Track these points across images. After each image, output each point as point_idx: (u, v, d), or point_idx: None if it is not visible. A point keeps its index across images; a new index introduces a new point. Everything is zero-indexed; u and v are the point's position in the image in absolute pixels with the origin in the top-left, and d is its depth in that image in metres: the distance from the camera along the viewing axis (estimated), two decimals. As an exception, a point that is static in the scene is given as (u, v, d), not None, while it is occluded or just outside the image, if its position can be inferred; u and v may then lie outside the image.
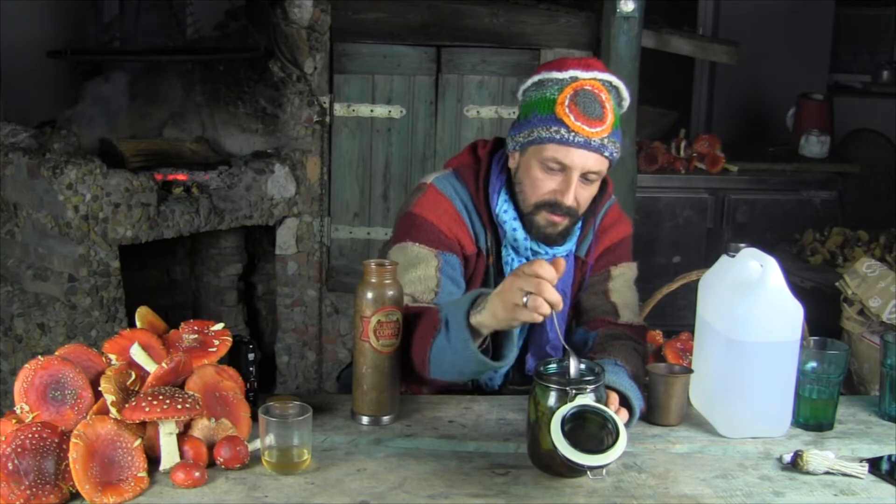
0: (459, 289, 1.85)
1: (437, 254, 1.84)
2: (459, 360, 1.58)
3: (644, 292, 2.18)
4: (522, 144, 1.84)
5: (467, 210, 1.92)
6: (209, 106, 3.96)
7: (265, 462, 1.50)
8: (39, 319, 3.30)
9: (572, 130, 1.77)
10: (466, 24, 3.73)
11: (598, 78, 1.80)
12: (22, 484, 1.35)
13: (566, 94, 1.78)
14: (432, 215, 1.87)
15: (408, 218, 1.89)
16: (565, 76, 1.80)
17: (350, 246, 3.85)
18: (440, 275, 1.82)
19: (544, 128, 1.79)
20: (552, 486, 1.47)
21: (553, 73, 1.81)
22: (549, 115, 1.79)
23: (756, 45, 5.40)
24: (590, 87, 1.78)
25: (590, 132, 1.77)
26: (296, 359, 3.92)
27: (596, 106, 1.77)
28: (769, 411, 1.68)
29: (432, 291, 1.79)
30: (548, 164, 1.80)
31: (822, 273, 3.51)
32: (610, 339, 1.86)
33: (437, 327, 1.59)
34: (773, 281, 1.63)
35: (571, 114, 1.77)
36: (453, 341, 1.56)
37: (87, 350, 1.55)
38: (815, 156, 4.55)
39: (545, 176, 1.82)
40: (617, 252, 2.01)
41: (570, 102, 1.77)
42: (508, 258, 1.92)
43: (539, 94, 1.82)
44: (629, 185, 3.72)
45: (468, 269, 1.91)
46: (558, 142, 1.78)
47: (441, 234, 1.86)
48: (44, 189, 3.22)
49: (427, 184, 1.94)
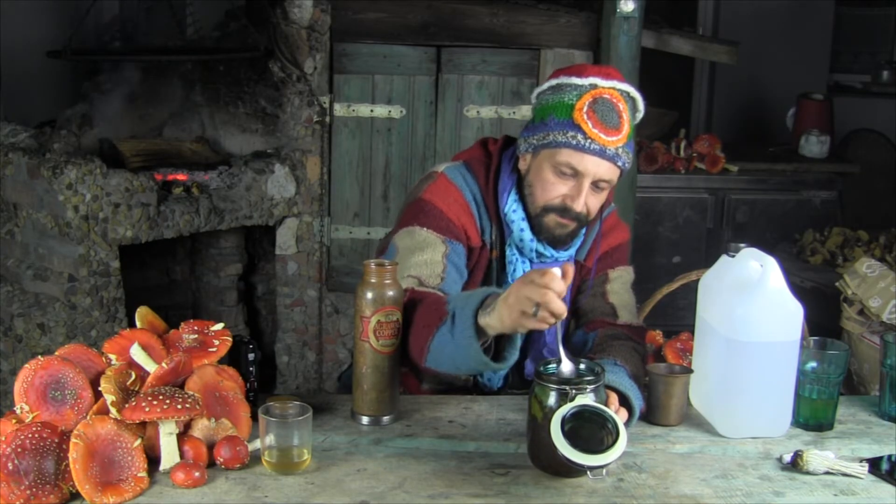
0: (462, 278, 1.86)
1: (445, 240, 1.84)
2: (459, 356, 1.57)
3: (644, 292, 2.18)
4: (536, 147, 1.84)
5: (476, 202, 1.92)
6: (209, 106, 3.96)
7: (265, 462, 1.50)
8: (39, 319, 3.30)
9: (589, 137, 1.77)
10: (466, 24, 3.73)
11: (617, 88, 1.80)
12: (22, 484, 1.35)
13: (585, 100, 1.78)
14: (442, 203, 1.88)
15: (417, 204, 1.89)
16: (585, 83, 1.80)
17: (350, 246, 3.85)
18: (446, 261, 1.82)
19: (561, 132, 1.79)
20: (552, 486, 1.47)
21: (573, 78, 1.81)
22: (566, 119, 1.79)
23: (756, 45, 5.40)
24: (608, 96, 1.79)
25: (606, 140, 1.77)
26: (296, 359, 3.92)
27: (613, 115, 1.78)
28: (769, 411, 1.68)
29: (438, 277, 1.79)
30: (561, 168, 1.80)
31: (822, 273, 3.51)
32: (609, 340, 1.86)
33: (442, 318, 1.59)
34: (773, 281, 1.63)
35: (589, 121, 1.77)
36: (457, 336, 1.56)
37: (87, 350, 1.55)
38: (815, 156, 4.55)
39: (557, 180, 1.82)
40: (615, 256, 2.02)
41: (589, 109, 1.77)
42: (513, 257, 1.92)
43: (557, 98, 1.82)
44: (629, 185, 3.72)
45: (471, 260, 1.91)
46: (574, 147, 1.78)
47: (450, 221, 1.86)
48: (44, 189, 3.22)
49: (438, 172, 1.94)
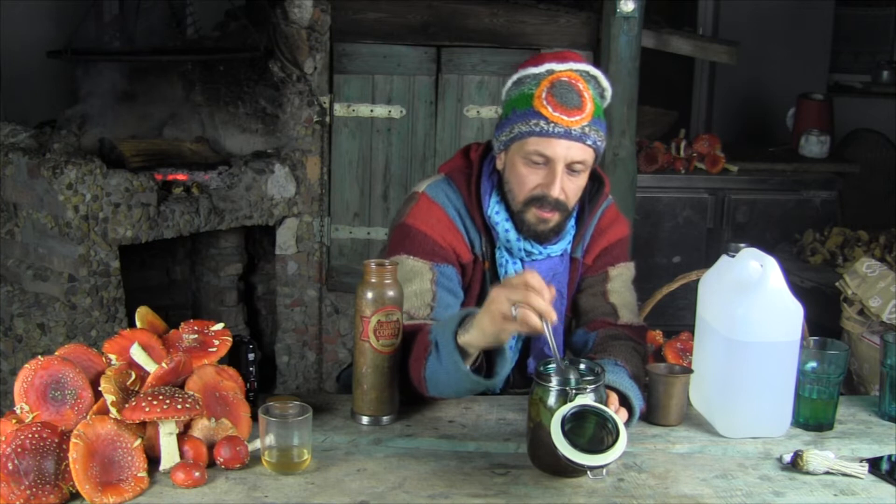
0: (457, 299, 1.86)
1: (432, 266, 1.83)
2: (453, 380, 1.59)
3: (644, 292, 2.18)
4: (505, 143, 1.84)
5: (461, 216, 1.91)
6: (209, 106, 3.96)
7: (265, 462, 1.50)
8: (39, 319, 3.30)
9: (551, 121, 1.76)
10: (466, 24, 3.73)
11: (574, 69, 1.79)
12: (22, 484, 1.35)
13: (543, 87, 1.78)
14: (425, 226, 1.87)
15: (401, 229, 1.89)
16: (541, 70, 1.80)
17: (350, 246, 3.85)
18: (436, 287, 1.82)
19: (524, 122, 1.79)
20: (552, 486, 1.47)
21: (529, 69, 1.82)
22: (527, 109, 1.79)
23: (756, 45, 5.40)
24: (566, 78, 1.78)
25: (569, 121, 1.76)
26: (296, 359, 3.92)
27: (573, 95, 1.77)
28: (769, 411, 1.68)
29: (428, 306, 1.79)
30: (531, 157, 1.80)
31: (822, 273, 3.51)
32: (609, 340, 1.86)
33: (427, 349, 1.60)
34: (773, 281, 1.63)
35: (549, 105, 1.77)
36: (444, 362, 1.56)
37: (87, 350, 1.55)
38: (815, 156, 4.55)
39: (530, 171, 1.81)
40: (614, 252, 2.00)
41: (548, 94, 1.77)
42: (503, 260, 1.91)
43: (518, 91, 1.83)
44: (629, 185, 3.72)
45: (466, 276, 1.91)
46: (538, 134, 1.77)
47: (435, 244, 1.85)
48: (44, 189, 3.22)
49: (419, 193, 1.93)
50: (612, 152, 3.66)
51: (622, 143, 3.67)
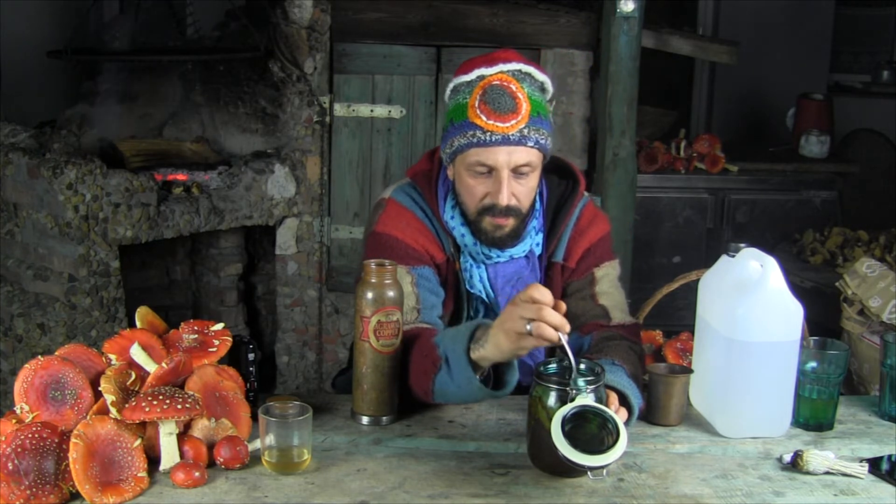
0: (439, 298, 1.85)
1: (409, 270, 1.82)
2: (464, 393, 1.59)
3: (644, 292, 2.17)
4: (450, 156, 1.83)
5: (428, 218, 1.91)
6: (209, 106, 3.96)
7: (265, 462, 1.50)
8: (39, 319, 3.30)
9: (487, 130, 1.74)
10: (466, 24, 3.73)
11: (504, 70, 1.77)
12: (22, 484, 1.35)
13: (476, 95, 1.76)
14: (396, 230, 1.86)
15: (373, 238, 1.89)
16: (472, 77, 1.78)
17: (350, 246, 3.85)
18: (417, 290, 1.81)
19: (462, 135, 1.77)
20: (552, 486, 1.47)
21: (461, 77, 1.80)
22: (463, 121, 1.77)
23: (756, 45, 5.40)
24: (497, 82, 1.75)
25: (505, 127, 1.74)
26: (296, 359, 3.92)
27: (506, 99, 1.74)
28: (769, 411, 1.68)
29: (414, 310, 1.79)
30: (475, 168, 1.78)
31: (822, 273, 3.51)
32: (605, 341, 1.85)
33: (437, 364, 1.59)
34: (773, 281, 1.63)
35: (483, 114, 1.75)
36: (456, 378, 1.56)
37: (87, 350, 1.55)
38: (815, 156, 4.55)
39: (476, 182, 1.80)
40: (597, 252, 1.97)
41: (480, 102, 1.75)
42: (466, 264, 1.90)
43: (454, 102, 1.81)
44: (629, 185, 3.72)
45: (441, 276, 1.90)
46: (477, 145, 1.76)
47: (408, 247, 1.85)
48: (44, 189, 3.22)
49: (386, 199, 1.93)
50: (612, 152, 3.66)
51: (622, 143, 3.67)
